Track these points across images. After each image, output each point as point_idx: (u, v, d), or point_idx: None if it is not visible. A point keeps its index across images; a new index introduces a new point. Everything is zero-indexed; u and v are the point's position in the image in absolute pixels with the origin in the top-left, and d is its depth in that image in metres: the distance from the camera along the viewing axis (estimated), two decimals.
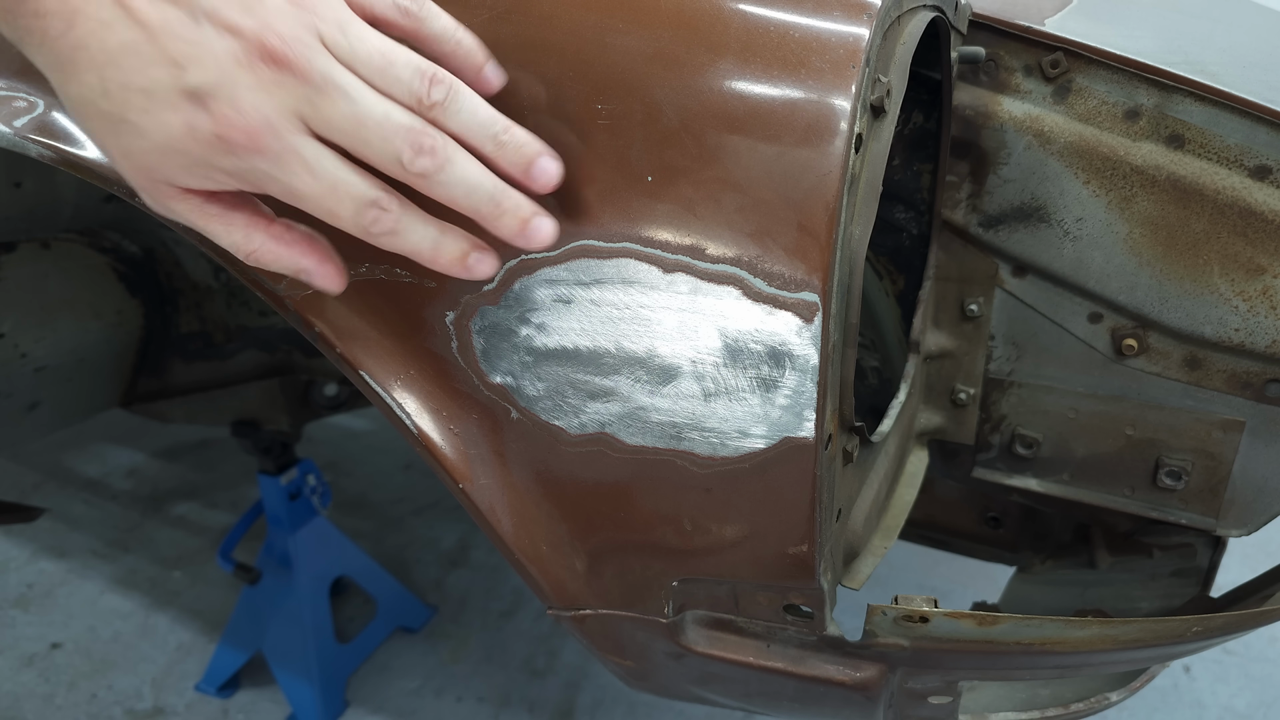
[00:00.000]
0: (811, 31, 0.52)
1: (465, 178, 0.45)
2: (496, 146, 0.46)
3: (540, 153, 0.47)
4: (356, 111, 0.43)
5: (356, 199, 0.44)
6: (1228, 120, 0.74)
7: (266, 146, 0.43)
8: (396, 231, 0.46)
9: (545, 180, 0.48)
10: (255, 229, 0.48)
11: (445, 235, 0.48)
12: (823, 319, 0.52)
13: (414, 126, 0.44)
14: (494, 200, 0.46)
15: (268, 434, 1.59)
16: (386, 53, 0.43)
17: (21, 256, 1.28)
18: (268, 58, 0.42)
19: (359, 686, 1.73)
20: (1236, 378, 0.82)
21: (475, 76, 0.47)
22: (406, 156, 0.43)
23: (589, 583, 0.65)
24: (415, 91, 0.44)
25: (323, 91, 0.42)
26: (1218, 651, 1.81)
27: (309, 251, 0.49)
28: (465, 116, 0.45)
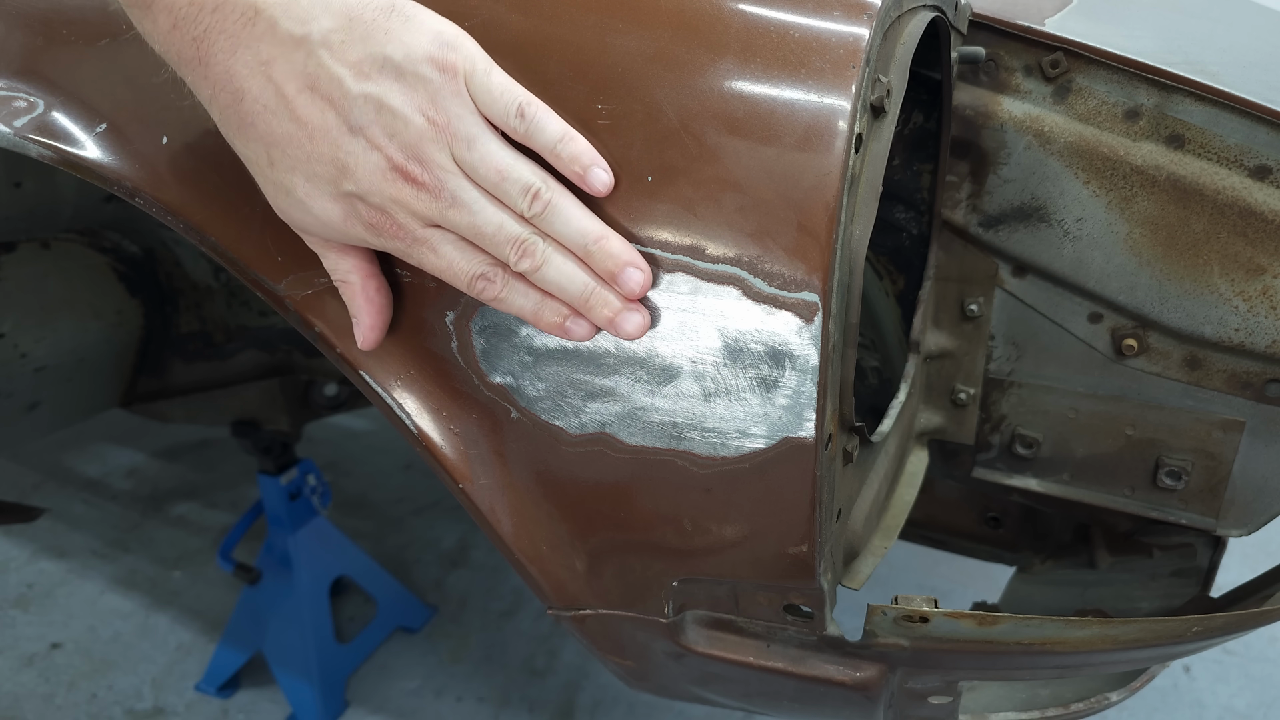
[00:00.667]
0: (811, 31, 0.52)
1: (559, 278, 0.53)
2: (587, 255, 0.53)
3: (627, 263, 0.52)
4: (475, 222, 0.51)
5: (469, 273, 0.53)
6: (1228, 120, 0.74)
7: (403, 238, 0.52)
8: (501, 299, 0.54)
9: (630, 288, 0.53)
10: (356, 272, 0.57)
11: (545, 302, 0.54)
12: (823, 319, 0.52)
13: (519, 235, 0.52)
14: (584, 298, 0.53)
15: (268, 434, 1.59)
16: (502, 169, 0.51)
17: (21, 256, 1.28)
18: (408, 179, 0.50)
19: (359, 686, 1.73)
20: (1236, 378, 0.82)
21: (581, 180, 0.52)
22: (513, 259, 0.52)
23: (589, 583, 0.65)
24: (519, 208, 0.51)
25: (451, 206, 0.51)
26: (1218, 651, 1.81)
27: (374, 313, 0.58)
28: (560, 227, 0.52)
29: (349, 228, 0.53)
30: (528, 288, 0.54)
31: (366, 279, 0.57)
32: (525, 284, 0.54)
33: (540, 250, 0.52)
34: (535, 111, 0.51)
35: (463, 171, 0.51)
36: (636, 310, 0.54)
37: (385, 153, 0.49)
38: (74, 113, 0.66)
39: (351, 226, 0.53)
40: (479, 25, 0.54)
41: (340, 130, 0.49)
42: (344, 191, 0.51)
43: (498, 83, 0.51)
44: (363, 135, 0.49)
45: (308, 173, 0.51)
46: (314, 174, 0.51)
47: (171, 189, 0.63)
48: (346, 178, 0.50)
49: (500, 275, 0.53)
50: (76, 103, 0.66)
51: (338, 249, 0.56)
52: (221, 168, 0.62)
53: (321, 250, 0.57)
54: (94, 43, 0.66)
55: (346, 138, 0.50)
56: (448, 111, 0.49)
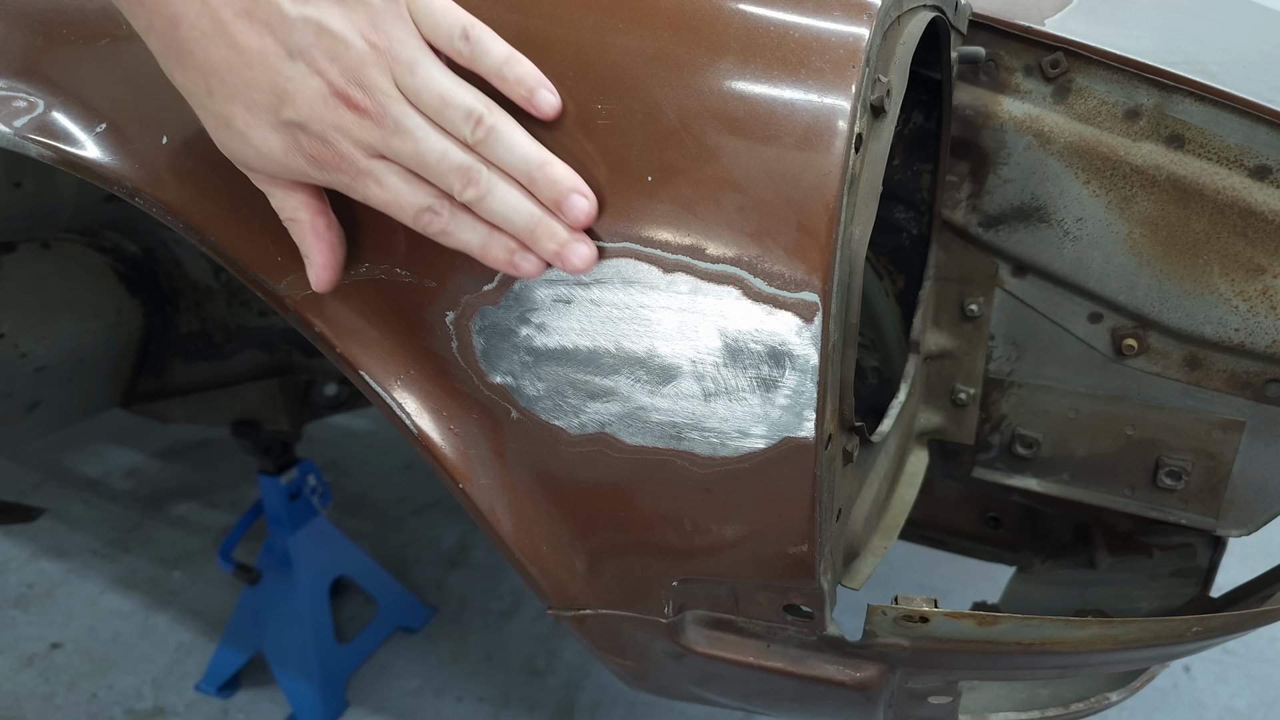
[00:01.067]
0: (811, 31, 0.52)
1: (505, 204, 0.52)
2: (530, 181, 0.52)
3: (572, 189, 0.52)
4: (419, 149, 0.50)
5: (415, 205, 0.52)
6: (1228, 120, 0.74)
7: (346, 169, 0.51)
8: (448, 232, 0.53)
9: (575, 215, 0.52)
10: (304, 209, 0.55)
11: (494, 234, 0.53)
12: (823, 319, 0.52)
13: (463, 163, 0.51)
14: (530, 228, 0.52)
15: (268, 434, 1.59)
16: (444, 94, 0.50)
17: (21, 256, 1.28)
18: (350, 105, 0.49)
19: (359, 686, 1.73)
20: (1236, 378, 0.82)
21: (526, 104, 0.52)
22: (456, 188, 0.51)
23: (589, 583, 0.65)
24: (462, 133, 0.50)
25: (394, 134, 0.50)
26: (1218, 651, 1.81)
27: (325, 250, 0.56)
28: (503, 153, 0.51)
29: (290, 160, 0.51)
30: (474, 221, 0.53)
31: (315, 215, 0.56)
32: (472, 217, 0.52)
33: (485, 178, 0.51)
34: (479, 34, 0.50)
35: (405, 97, 0.49)
36: (583, 241, 0.53)
37: (326, 77, 0.48)
38: (74, 113, 0.66)
39: (293, 158, 0.51)
40: None
41: (279, 55, 0.48)
42: (284, 120, 0.49)
43: (440, 5, 0.50)
44: (302, 59, 0.48)
45: (247, 101, 0.49)
46: (253, 103, 0.49)
47: (171, 189, 0.63)
48: (286, 105, 0.49)
49: (446, 208, 0.52)
50: (76, 103, 0.66)
51: (284, 186, 0.55)
52: (221, 168, 0.62)
53: (267, 188, 0.55)
54: (94, 43, 0.66)
55: (285, 63, 0.48)
56: (389, 35, 0.48)
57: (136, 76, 0.64)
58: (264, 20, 0.48)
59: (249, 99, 0.49)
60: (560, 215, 0.52)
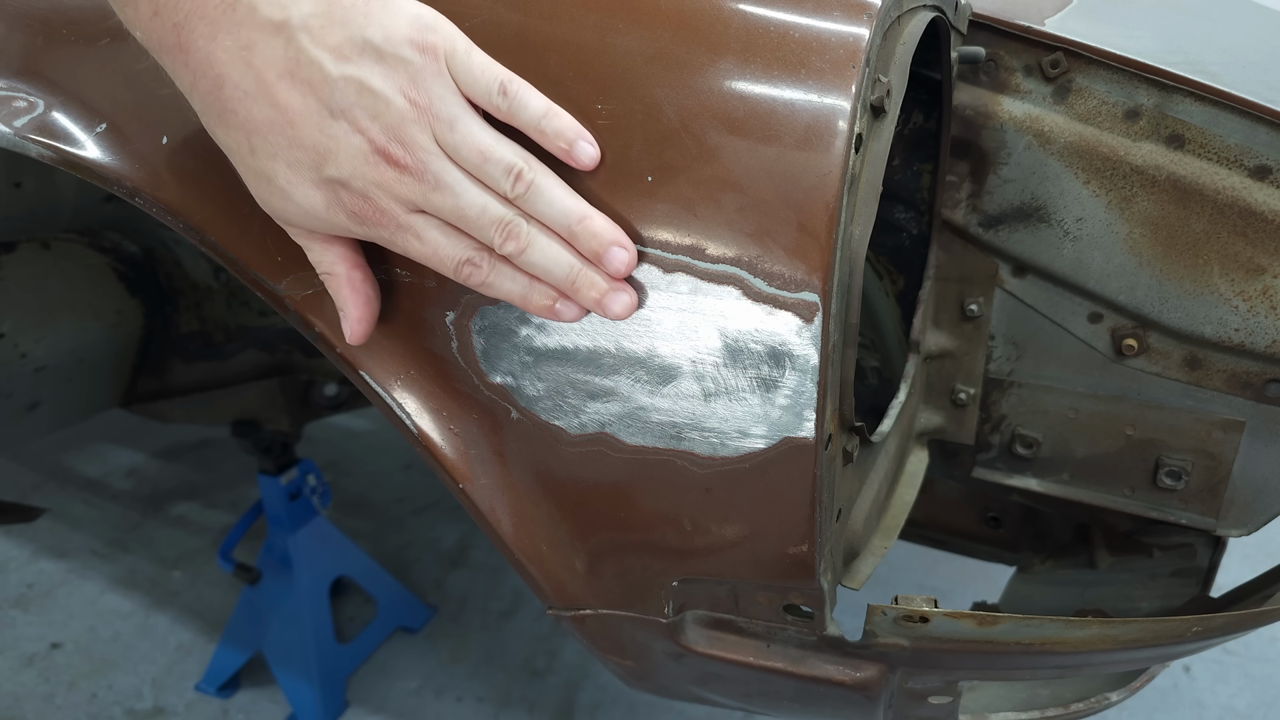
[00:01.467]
0: (811, 31, 0.52)
1: (545, 258, 0.52)
2: (571, 236, 0.52)
3: (613, 243, 0.52)
4: (459, 205, 0.51)
5: (456, 258, 0.53)
6: (1228, 120, 0.74)
7: (387, 224, 0.52)
8: (488, 284, 0.54)
9: (615, 267, 0.52)
10: (341, 263, 0.56)
11: (534, 286, 0.54)
12: (823, 319, 0.52)
13: (503, 218, 0.51)
14: (570, 280, 0.53)
15: (268, 434, 1.59)
16: (484, 150, 0.50)
17: (21, 256, 1.28)
18: (390, 162, 0.49)
19: (359, 686, 1.73)
20: (1236, 378, 0.82)
21: (566, 156, 0.52)
22: (497, 242, 0.52)
23: (589, 583, 0.65)
24: (502, 188, 0.51)
25: (435, 189, 0.50)
26: (1218, 651, 1.81)
27: (361, 305, 0.57)
28: (543, 207, 0.52)
29: (332, 216, 0.52)
30: (514, 271, 0.53)
31: (352, 269, 0.56)
32: (512, 268, 0.53)
33: (525, 232, 0.51)
34: (517, 89, 0.51)
35: (445, 153, 0.50)
36: (624, 290, 0.53)
37: (367, 135, 0.49)
38: (74, 113, 0.66)
39: (334, 214, 0.52)
40: (479, 25, 0.54)
41: (321, 114, 0.49)
42: (326, 177, 0.50)
43: (479, 62, 0.50)
44: (344, 118, 0.49)
45: (289, 159, 0.50)
46: (295, 160, 0.50)
47: (171, 189, 0.63)
48: (328, 163, 0.50)
49: (486, 260, 0.53)
50: (76, 103, 0.66)
51: (322, 240, 0.55)
52: (221, 168, 0.62)
53: (306, 242, 0.56)
54: (94, 43, 0.66)
55: (328, 121, 0.49)
56: (429, 92, 0.49)
57: (136, 76, 0.64)
58: (306, 80, 0.49)
59: (291, 157, 0.50)
60: (603, 269, 0.53)
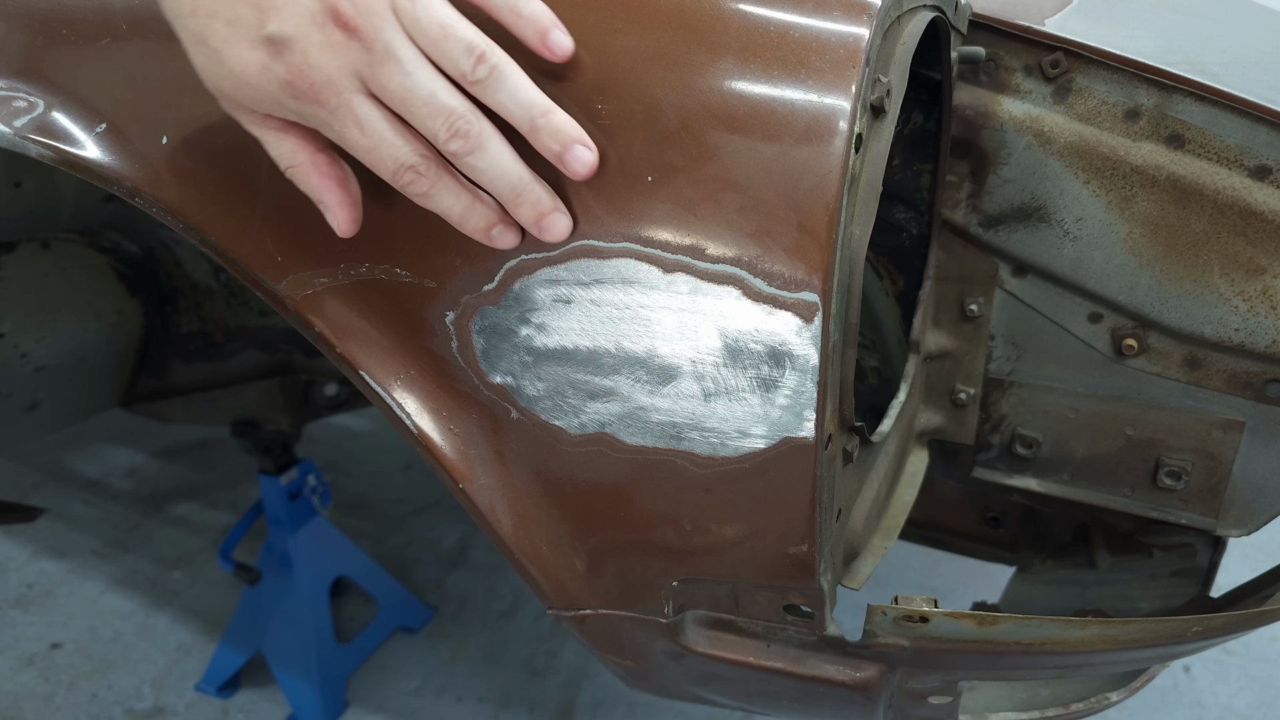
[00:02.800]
0: (811, 31, 0.52)
1: (493, 164, 0.49)
2: (533, 128, 0.49)
3: (577, 140, 0.49)
4: (407, 85, 0.46)
5: (397, 160, 0.48)
6: (1228, 120, 0.74)
7: (326, 100, 0.47)
8: (428, 195, 0.50)
9: (578, 166, 0.50)
10: (302, 150, 0.51)
11: (475, 205, 0.51)
12: (823, 319, 0.52)
13: (454, 110, 0.47)
14: (515, 189, 0.50)
15: (268, 434, 1.59)
16: (445, 25, 0.46)
17: (21, 256, 1.28)
18: (339, 22, 0.45)
19: (359, 686, 1.73)
20: (1236, 378, 0.82)
21: (539, 44, 0.49)
22: (442, 137, 0.47)
23: (589, 583, 0.65)
24: (461, 67, 0.47)
25: (383, 61, 0.46)
26: (1218, 651, 1.81)
27: (335, 189, 0.52)
28: (505, 96, 0.48)
29: (264, 82, 0.47)
30: (459, 187, 0.50)
31: (315, 154, 0.52)
32: (456, 183, 0.50)
33: (476, 129, 0.47)
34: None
35: (401, 24, 0.46)
36: (564, 214, 0.51)
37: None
38: (74, 113, 0.66)
39: (267, 81, 0.47)
40: (480, 25, 0.54)
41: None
42: (266, 34, 0.46)
43: None
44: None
45: (230, 15, 0.46)
46: (236, 17, 0.46)
47: (171, 189, 0.63)
48: (272, 17, 0.45)
49: (431, 169, 0.49)
50: (76, 103, 0.66)
51: (275, 127, 0.51)
52: (221, 167, 0.62)
53: (258, 131, 0.51)
54: (94, 43, 0.66)
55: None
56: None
57: (136, 76, 0.64)
58: None
59: (232, 13, 0.46)
60: (562, 168, 0.50)
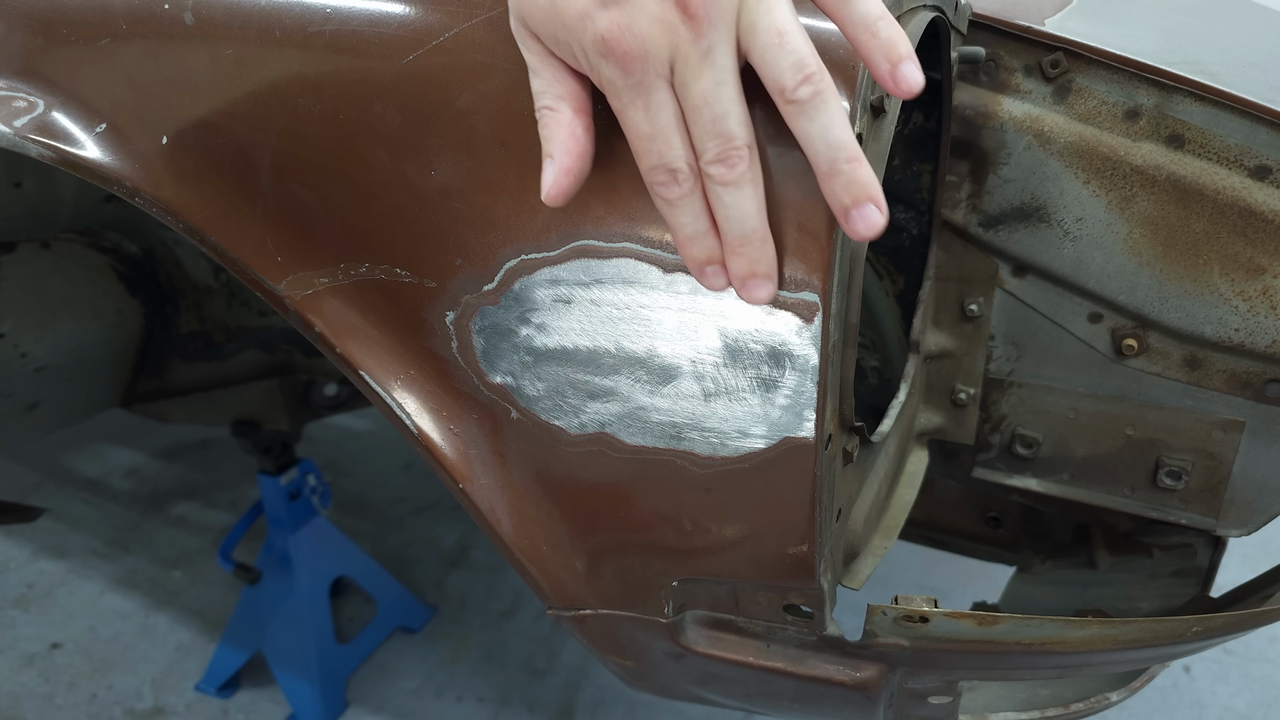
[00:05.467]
0: (811, 31, 0.52)
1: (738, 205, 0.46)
2: (832, 172, 0.45)
3: (871, 199, 0.45)
4: (708, 94, 0.44)
5: (663, 157, 0.46)
6: (1228, 120, 0.74)
7: (631, 70, 0.44)
8: (673, 203, 0.47)
9: (863, 227, 0.45)
10: (568, 101, 0.49)
11: (707, 234, 0.48)
12: (823, 319, 0.52)
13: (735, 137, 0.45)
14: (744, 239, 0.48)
15: (268, 434, 1.59)
16: (783, 33, 0.44)
17: (21, 256, 1.28)
18: (682, 3, 0.43)
19: (359, 686, 1.73)
20: (1236, 378, 0.82)
21: (887, 75, 0.45)
22: (709, 155, 0.45)
23: (589, 583, 0.65)
24: (784, 81, 0.44)
25: (702, 58, 0.44)
26: (1218, 651, 1.81)
27: (571, 151, 0.49)
28: (816, 128, 0.45)
29: (581, 28, 0.45)
30: (702, 210, 0.47)
31: (577, 113, 0.49)
32: (701, 204, 0.47)
33: (742, 167, 0.45)
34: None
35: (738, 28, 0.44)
36: (774, 282, 0.49)
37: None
38: (74, 113, 0.66)
39: (585, 28, 0.44)
40: (481, 24, 0.54)
41: None
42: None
43: None
44: None
45: None
46: None
47: (171, 189, 0.63)
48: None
49: (689, 181, 0.46)
50: (76, 103, 0.66)
51: (557, 67, 0.48)
52: (221, 168, 0.62)
53: (539, 64, 0.49)
54: (94, 43, 0.66)
55: None
56: None
57: (136, 76, 0.64)
58: None
59: None
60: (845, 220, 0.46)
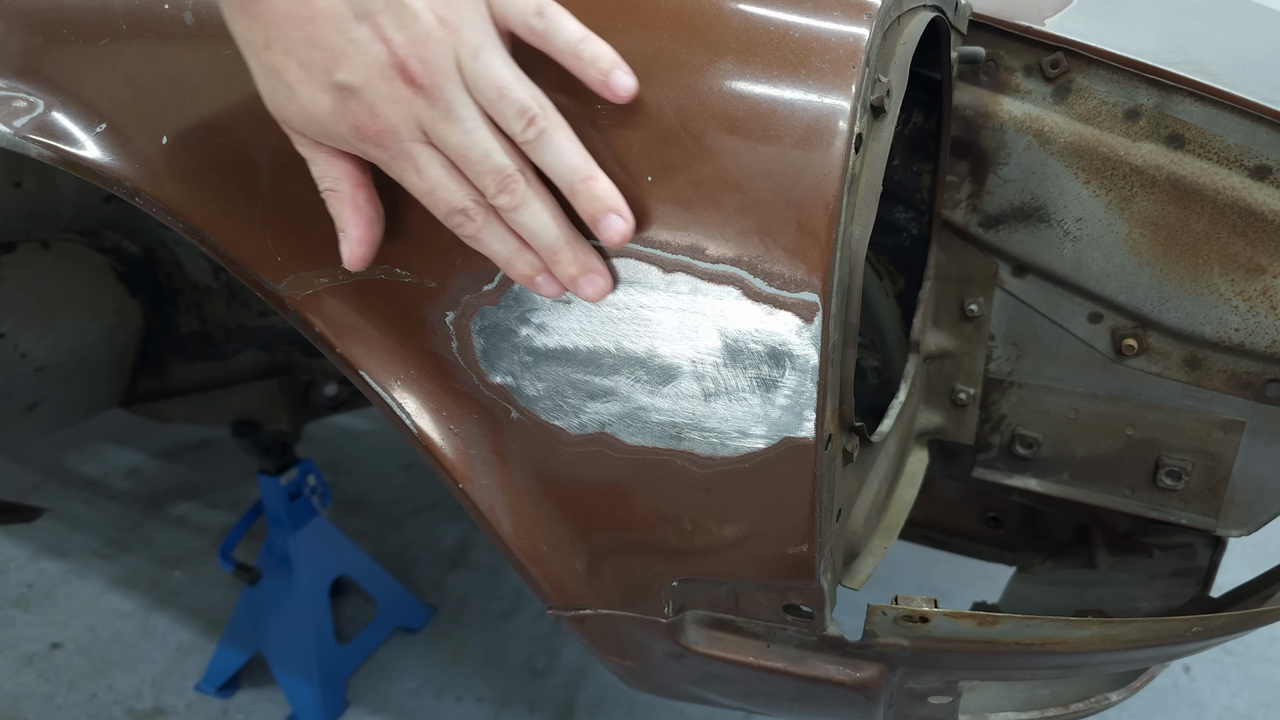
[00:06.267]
0: (811, 31, 0.52)
1: (534, 221, 0.51)
2: (571, 193, 0.51)
3: (611, 209, 0.51)
4: (465, 143, 0.49)
5: (449, 203, 0.51)
6: (1228, 120, 0.74)
7: (388, 145, 0.50)
8: (476, 237, 0.53)
9: (610, 234, 0.51)
10: (346, 180, 0.54)
11: (521, 252, 0.53)
12: (823, 319, 0.52)
13: (503, 169, 0.50)
14: (552, 248, 0.52)
15: (268, 434, 1.59)
16: (501, 87, 0.49)
17: (21, 256, 1.28)
18: (406, 77, 0.48)
19: (359, 686, 1.73)
20: (1236, 378, 0.82)
21: (603, 85, 0.50)
22: (491, 191, 0.50)
23: (589, 583, 0.65)
24: (513, 129, 0.49)
25: (445, 118, 0.49)
26: (1218, 651, 1.81)
27: (362, 225, 0.55)
28: (550, 158, 0.50)
29: (334, 124, 0.50)
30: (506, 233, 0.52)
31: (356, 188, 0.54)
32: (503, 228, 0.52)
33: (521, 190, 0.50)
34: (555, 12, 0.49)
35: (464, 82, 0.49)
36: (601, 275, 0.53)
37: (390, 45, 0.47)
38: (74, 113, 0.66)
39: (337, 124, 0.50)
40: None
41: (346, 15, 0.47)
42: (337, 82, 0.49)
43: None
44: (368, 24, 0.47)
45: (303, 57, 0.49)
46: (309, 60, 0.49)
47: (171, 189, 0.63)
48: (343, 66, 0.48)
49: (480, 215, 0.52)
50: (76, 103, 0.66)
51: (327, 153, 0.53)
52: (221, 168, 0.62)
53: (310, 153, 0.54)
54: (94, 43, 0.66)
55: (351, 24, 0.47)
56: (460, 13, 0.48)
57: (136, 76, 0.64)
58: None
59: (306, 55, 0.49)
60: (596, 233, 0.52)
